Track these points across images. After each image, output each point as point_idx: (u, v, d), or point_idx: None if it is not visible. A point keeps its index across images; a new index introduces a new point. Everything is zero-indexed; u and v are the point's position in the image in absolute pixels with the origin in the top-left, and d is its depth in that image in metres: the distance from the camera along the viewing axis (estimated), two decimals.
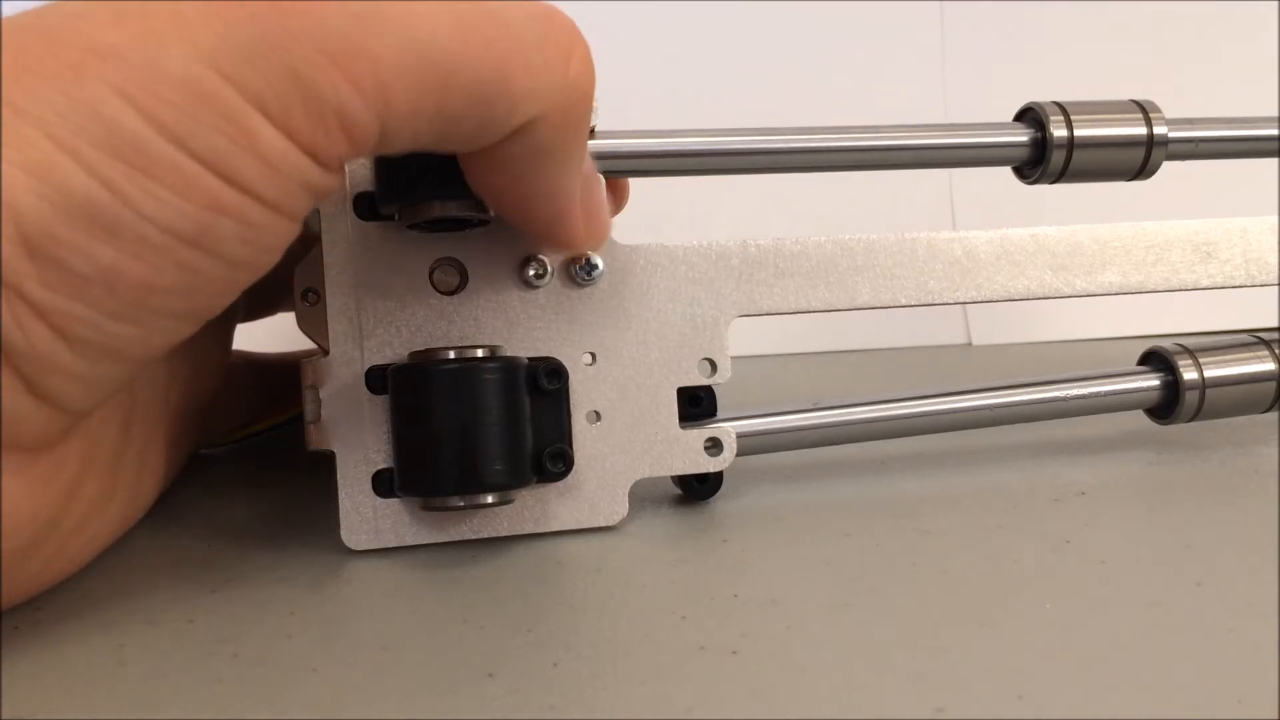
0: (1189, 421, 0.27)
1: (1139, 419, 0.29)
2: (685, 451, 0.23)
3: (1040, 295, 0.26)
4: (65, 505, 0.19)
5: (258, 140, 0.15)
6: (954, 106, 0.58)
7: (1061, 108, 0.26)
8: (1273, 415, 0.28)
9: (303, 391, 0.22)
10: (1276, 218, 0.28)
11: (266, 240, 0.17)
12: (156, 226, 0.15)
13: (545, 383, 0.22)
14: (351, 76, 0.15)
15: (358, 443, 0.22)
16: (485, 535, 0.22)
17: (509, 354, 0.22)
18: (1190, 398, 0.27)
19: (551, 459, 0.22)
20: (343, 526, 0.22)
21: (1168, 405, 0.28)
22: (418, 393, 0.21)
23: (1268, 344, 0.28)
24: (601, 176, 0.22)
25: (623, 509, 0.23)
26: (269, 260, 0.17)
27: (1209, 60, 0.58)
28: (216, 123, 0.15)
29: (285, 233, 0.17)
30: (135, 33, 0.15)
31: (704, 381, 0.24)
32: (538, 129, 0.18)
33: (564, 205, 0.20)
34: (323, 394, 0.22)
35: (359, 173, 0.22)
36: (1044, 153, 0.26)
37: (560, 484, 0.23)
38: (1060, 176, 0.26)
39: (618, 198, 0.27)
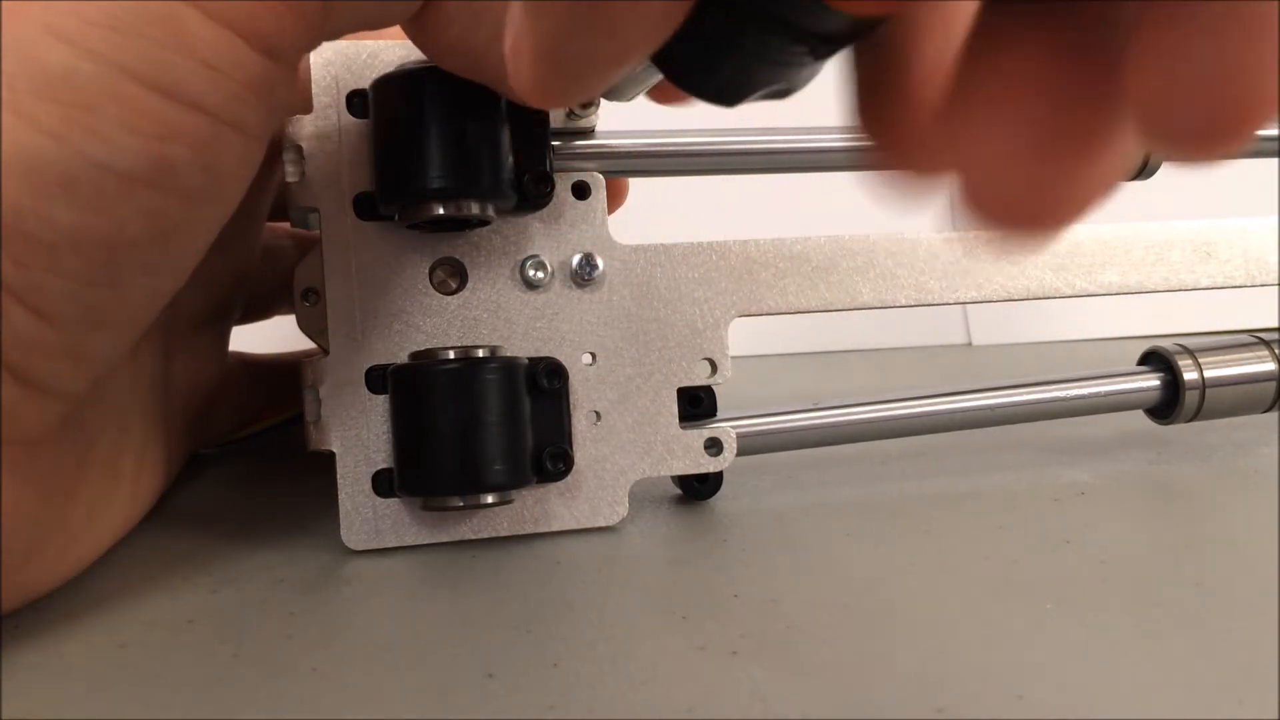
0: (1189, 421, 0.27)
1: (1139, 419, 0.29)
2: (685, 451, 0.23)
3: (1040, 295, 0.26)
4: (66, 506, 0.18)
5: (191, 37, 0.15)
6: None
7: None
8: (1273, 415, 0.28)
9: (303, 391, 0.22)
10: (1276, 218, 0.28)
11: (225, 164, 0.16)
12: (111, 172, 0.15)
13: (545, 383, 0.22)
14: None
15: (358, 443, 0.22)
16: (485, 535, 0.22)
17: (509, 354, 0.22)
18: (1190, 398, 0.27)
19: (552, 459, 0.22)
20: (343, 526, 0.22)
21: (1168, 405, 0.27)
22: (418, 393, 0.21)
23: (1268, 344, 0.28)
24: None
25: (623, 509, 0.23)
26: (233, 191, 0.17)
27: None
28: (145, 29, 0.14)
29: (243, 153, 0.16)
30: None
31: (704, 381, 0.24)
32: None
33: (508, 45, 0.19)
34: (323, 394, 0.22)
35: (359, 173, 0.22)
36: None
37: (560, 484, 0.23)
38: None
39: (617, 197, 0.27)
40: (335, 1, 0.16)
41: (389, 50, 0.22)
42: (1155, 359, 0.28)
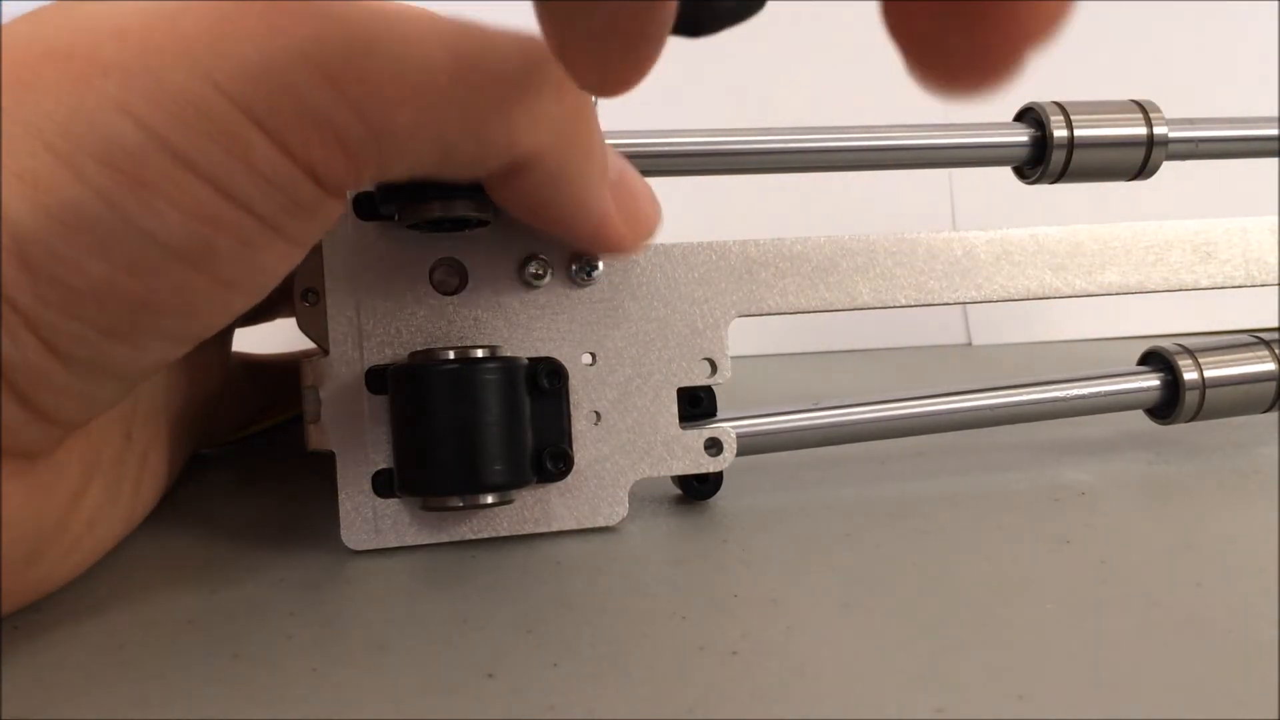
0: (1189, 421, 0.27)
1: (1139, 419, 0.29)
2: (685, 451, 0.23)
3: (1040, 295, 0.26)
4: (69, 512, 0.19)
5: (254, 155, 0.15)
6: (954, 106, 0.58)
7: (1062, 108, 0.26)
8: (1273, 415, 0.28)
9: (303, 391, 0.22)
10: (1276, 218, 0.28)
11: (264, 261, 0.17)
12: (153, 242, 0.15)
13: (545, 383, 0.22)
14: (347, 95, 0.16)
15: (358, 443, 0.22)
16: (485, 535, 0.22)
17: (509, 354, 0.22)
18: (1190, 398, 0.27)
19: (552, 459, 0.22)
20: (343, 526, 0.22)
21: (1168, 405, 0.27)
22: (417, 393, 0.21)
23: (1268, 344, 0.28)
24: (634, 171, 0.22)
25: (623, 509, 0.23)
26: (266, 283, 0.17)
27: (1209, 60, 0.58)
28: (214, 137, 0.15)
29: (284, 255, 0.17)
30: (137, 49, 0.15)
31: (704, 381, 0.24)
32: (544, 160, 0.18)
33: (597, 216, 0.20)
34: (323, 394, 0.22)
35: None
36: (1044, 153, 0.26)
37: (560, 484, 0.23)
38: (1060, 176, 0.26)
39: None
40: (388, 160, 0.17)
41: None
42: (1155, 359, 0.28)
